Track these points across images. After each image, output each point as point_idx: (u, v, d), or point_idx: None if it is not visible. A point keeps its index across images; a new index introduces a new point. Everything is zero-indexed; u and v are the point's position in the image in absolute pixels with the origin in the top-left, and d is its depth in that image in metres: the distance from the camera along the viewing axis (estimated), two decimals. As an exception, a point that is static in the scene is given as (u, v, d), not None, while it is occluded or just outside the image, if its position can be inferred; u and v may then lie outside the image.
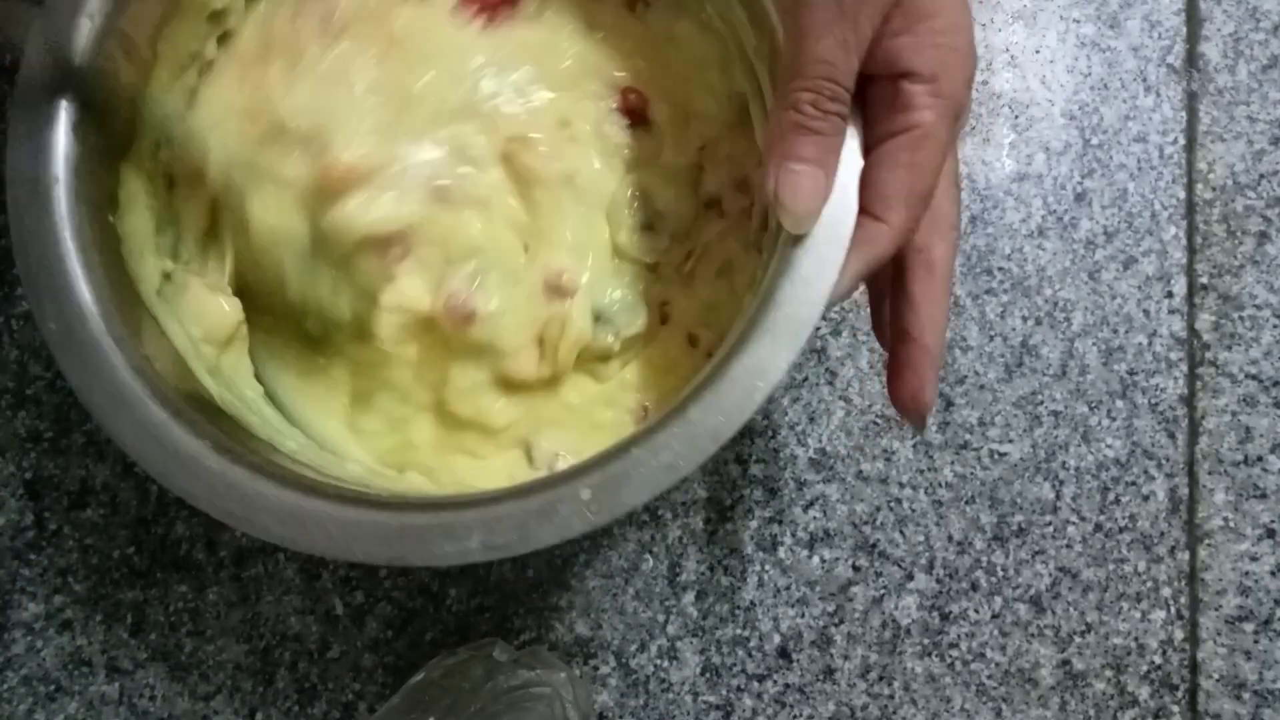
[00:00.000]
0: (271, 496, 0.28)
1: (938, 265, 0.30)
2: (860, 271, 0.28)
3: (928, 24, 0.28)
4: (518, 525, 0.27)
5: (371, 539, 0.28)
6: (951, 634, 0.41)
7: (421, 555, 0.28)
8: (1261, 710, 0.41)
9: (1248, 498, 0.42)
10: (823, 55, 0.27)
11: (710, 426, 0.27)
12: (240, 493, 0.28)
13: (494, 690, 0.34)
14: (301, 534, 0.28)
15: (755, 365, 0.28)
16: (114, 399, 0.29)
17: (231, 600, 0.41)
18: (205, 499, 0.29)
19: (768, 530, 0.41)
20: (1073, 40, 0.44)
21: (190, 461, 0.29)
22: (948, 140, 0.28)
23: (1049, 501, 0.42)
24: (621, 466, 0.27)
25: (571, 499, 0.27)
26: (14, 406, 0.41)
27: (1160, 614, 0.41)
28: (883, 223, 0.28)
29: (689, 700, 0.41)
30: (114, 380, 0.29)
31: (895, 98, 0.28)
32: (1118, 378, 0.42)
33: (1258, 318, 0.43)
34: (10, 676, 0.40)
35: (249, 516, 0.28)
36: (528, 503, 0.28)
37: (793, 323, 0.28)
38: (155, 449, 0.29)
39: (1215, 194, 0.44)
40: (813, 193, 0.28)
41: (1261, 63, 0.44)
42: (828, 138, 0.28)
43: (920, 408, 0.30)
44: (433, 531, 0.28)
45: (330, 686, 0.40)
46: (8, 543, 0.41)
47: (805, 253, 0.28)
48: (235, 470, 0.29)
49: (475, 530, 0.27)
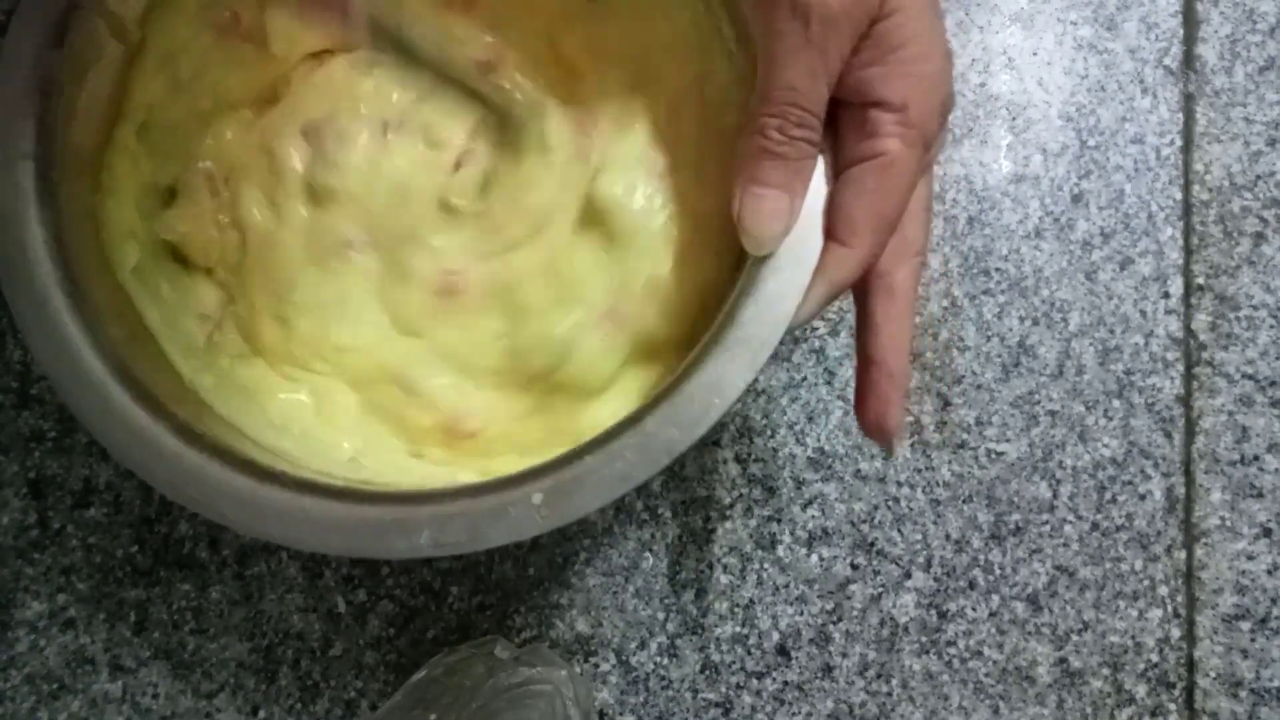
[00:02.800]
0: (227, 481, 0.29)
1: (898, 290, 0.30)
2: (824, 294, 0.29)
3: (897, 54, 0.28)
4: (469, 524, 0.28)
5: (326, 529, 0.28)
6: (949, 632, 0.41)
7: (374, 548, 0.28)
8: (1258, 708, 0.41)
9: (1244, 497, 0.42)
10: (788, 82, 0.27)
11: (665, 440, 0.28)
12: (198, 477, 0.29)
13: (495, 687, 0.35)
14: (257, 520, 0.29)
15: (713, 382, 0.28)
16: (78, 380, 0.30)
17: (234, 598, 0.41)
18: (165, 481, 0.29)
19: (767, 529, 0.42)
20: (1070, 42, 0.45)
21: (150, 444, 0.29)
22: (915, 168, 0.28)
23: (1046, 500, 0.42)
24: (574, 473, 0.28)
25: (523, 502, 0.28)
26: (17, 406, 0.42)
27: (1157, 612, 0.41)
28: (847, 247, 0.28)
29: (689, 698, 0.41)
30: (78, 360, 0.30)
31: (864, 125, 0.28)
32: (1114, 378, 0.43)
33: (1254, 318, 0.43)
34: (13, 675, 0.41)
35: (206, 501, 0.29)
36: (480, 502, 0.28)
37: (753, 342, 0.28)
38: (118, 430, 0.30)
39: (1212, 195, 0.44)
40: (774, 216, 0.28)
41: (1258, 64, 0.44)
42: (792, 162, 0.28)
43: (885, 432, 0.30)
44: (386, 526, 0.28)
45: (332, 684, 0.41)
46: (11, 541, 0.41)
47: (770, 274, 0.29)
48: (192, 454, 0.29)
49: (426, 527, 0.28)
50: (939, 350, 0.43)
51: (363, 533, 0.28)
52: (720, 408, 0.28)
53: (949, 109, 0.29)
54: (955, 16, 0.45)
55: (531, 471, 0.28)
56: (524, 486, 0.28)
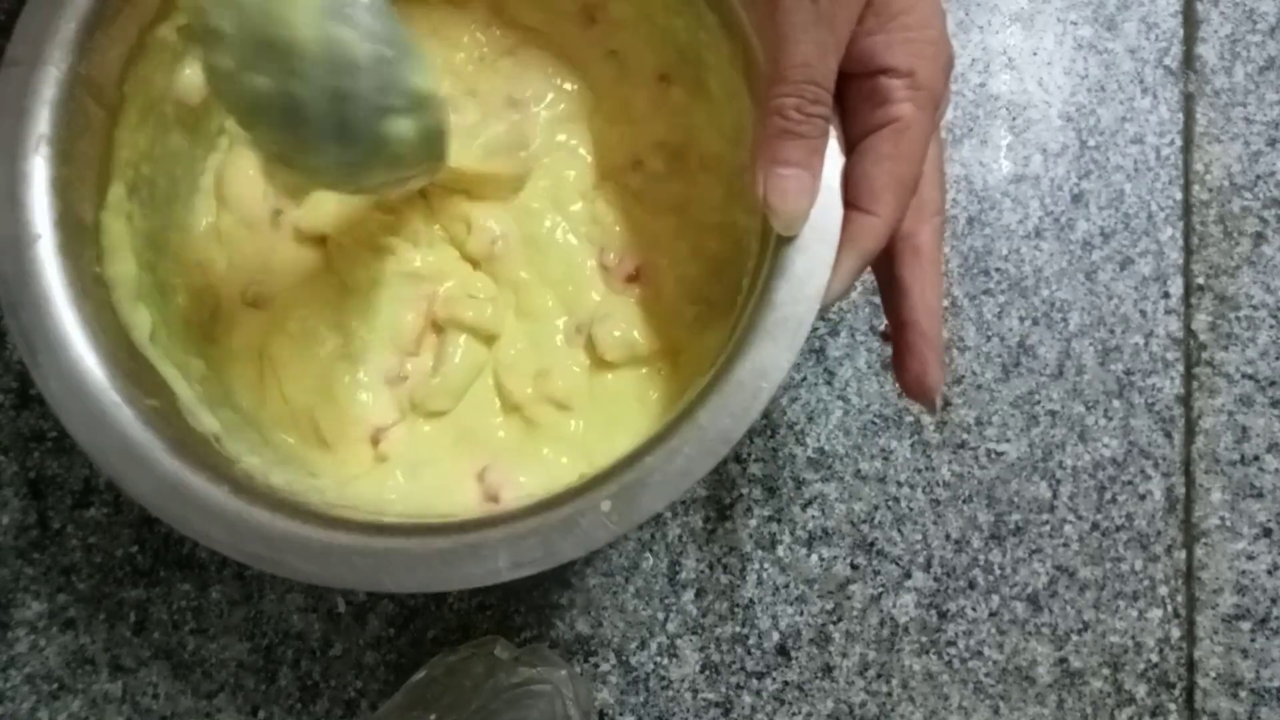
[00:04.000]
0: (294, 533, 0.29)
1: (924, 249, 0.30)
2: (855, 266, 0.29)
3: (900, 20, 0.28)
4: (542, 541, 0.28)
5: (398, 568, 0.28)
6: (949, 632, 0.41)
7: (449, 580, 0.28)
8: (1258, 708, 0.41)
9: (1244, 497, 0.42)
10: (802, 59, 0.28)
11: (720, 429, 0.28)
12: (263, 534, 0.29)
13: (495, 688, 0.35)
14: (326, 568, 0.28)
15: (758, 366, 0.28)
16: (126, 455, 0.29)
17: (234, 598, 0.41)
18: (229, 543, 0.29)
19: (767, 529, 0.42)
20: (1070, 42, 0.45)
21: (211, 508, 0.29)
22: (929, 130, 0.29)
23: (1046, 500, 0.42)
24: (637, 475, 0.28)
25: (592, 511, 0.28)
26: (17, 406, 0.42)
27: (1157, 612, 0.41)
28: (872, 215, 0.29)
29: (689, 698, 0.41)
30: (124, 436, 0.29)
31: (874, 94, 0.29)
32: (1114, 378, 0.43)
33: (1254, 318, 0.43)
34: (14, 675, 0.41)
35: (274, 556, 0.28)
36: (549, 517, 0.28)
37: (790, 322, 0.28)
38: (174, 500, 0.29)
39: (1212, 195, 0.44)
40: (800, 194, 0.28)
41: (1258, 64, 0.45)
42: (812, 140, 0.28)
43: (927, 390, 0.31)
44: (459, 555, 0.28)
45: (332, 684, 0.41)
46: (11, 542, 0.41)
47: (797, 252, 0.29)
48: (256, 512, 0.29)
49: (501, 549, 0.28)
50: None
51: (437, 564, 0.28)
52: (769, 390, 0.28)
53: (951, 69, 0.30)
54: (955, 16, 0.45)
55: (596, 479, 0.29)
56: (590, 495, 0.28)
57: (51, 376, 0.29)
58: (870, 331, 0.43)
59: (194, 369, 0.34)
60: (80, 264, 0.31)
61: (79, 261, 0.31)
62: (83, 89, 0.31)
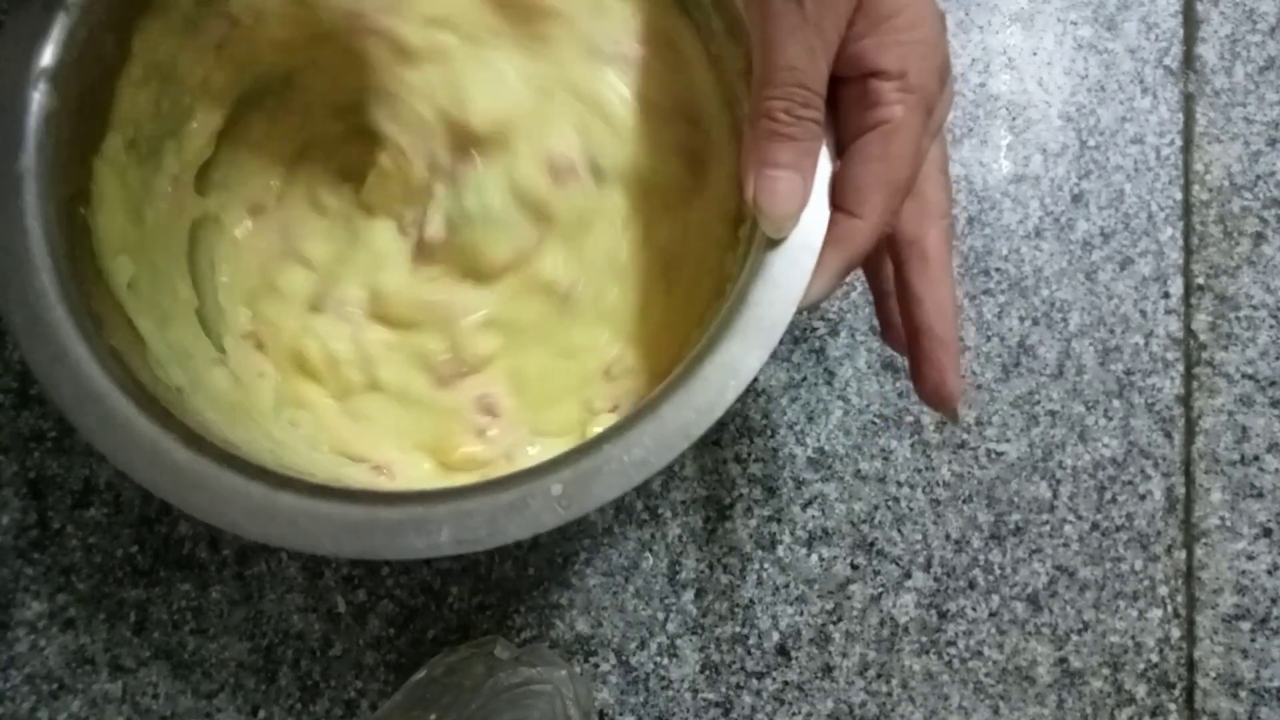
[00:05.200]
0: (240, 489, 0.28)
1: (932, 253, 0.30)
2: (838, 268, 0.29)
3: (890, 23, 0.28)
4: (488, 519, 0.27)
5: (341, 531, 0.28)
6: (949, 632, 0.41)
7: (391, 549, 0.28)
8: (1258, 708, 0.41)
9: (1244, 497, 0.42)
10: (790, 62, 0.28)
11: (682, 423, 0.28)
12: (209, 486, 0.28)
13: (495, 687, 0.35)
14: (270, 526, 0.28)
15: (727, 364, 0.28)
16: (81, 390, 0.29)
17: (234, 598, 0.41)
18: (173, 492, 0.28)
19: (767, 529, 0.42)
20: (1070, 42, 0.45)
21: (158, 455, 0.29)
22: (920, 132, 0.29)
23: (1046, 500, 0.42)
24: (593, 462, 0.28)
25: (542, 494, 0.27)
26: (17, 406, 0.42)
27: (1157, 612, 0.41)
28: (857, 217, 0.28)
29: (689, 698, 0.41)
30: (80, 371, 0.29)
31: (864, 96, 0.28)
32: (1114, 378, 0.43)
33: (1254, 318, 0.43)
34: (14, 675, 0.41)
35: (217, 509, 0.28)
36: (498, 497, 0.28)
37: (765, 322, 0.28)
38: (123, 442, 0.29)
39: (1212, 195, 0.44)
40: (790, 196, 0.28)
41: (1258, 64, 0.45)
42: (802, 142, 0.28)
43: (947, 398, 0.30)
44: (403, 525, 0.28)
45: (332, 684, 0.41)
46: (11, 542, 0.41)
47: (777, 255, 0.29)
48: (203, 463, 0.28)
49: (445, 524, 0.27)
50: (939, 350, 0.43)
51: (379, 533, 0.28)
52: (736, 389, 0.28)
53: (947, 72, 0.29)
54: (955, 16, 0.45)
55: (549, 463, 0.28)
56: (542, 478, 0.28)
57: (17, 310, 0.29)
58: (870, 331, 0.43)
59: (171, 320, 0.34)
60: (64, 204, 0.31)
61: (63, 201, 0.31)
62: (91, 31, 0.31)
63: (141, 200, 0.34)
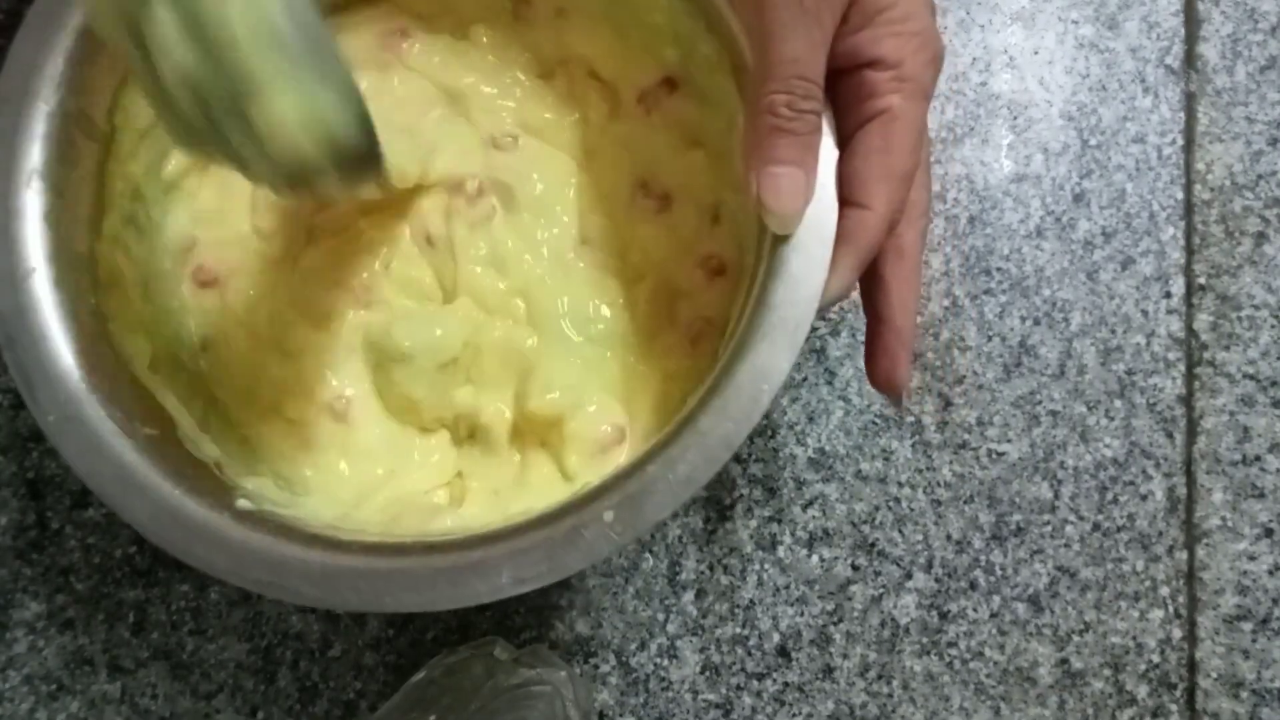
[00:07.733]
0: (296, 559, 0.28)
1: (908, 250, 0.30)
2: (853, 262, 0.29)
3: (884, 15, 0.28)
4: (546, 555, 0.27)
5: (401, 588, 0.28)
6: (950, 633, 0.41)
7: (453, 597, 0.28)
8: (1259, 709, 0.41)
9: (1245, 497, 0.42)
10: (791, 55, 0.28)
11: (722, 434, 0.28)
12: (266, 559, 0.28)
13: (494, 688, 0.34)
14: (332, 592, 0.28)
15: (758, 369, 0.28)
16: (124, 483, 0.29)
17: (233, 599, 0.41)
18: (231, 570, 0.28)
19: (767, 529, 0.42)
20: (1071, 41, 0.45)
21: (212, 535, 0.29)
22: (919, 121, 0.29)
23: (1047, 501, 0.42)
24: (640, 484, 0.28)
25: (595, 522, 0.27)
26: (16, 406, 0.42)
27: (1158, 613, 0.41)
28: (867, 209, 0.28)
29: (689, 699, 0.41)
30: (121, 464, 0.29)
31: (861, 88, 0.29)
32: (1116, 378, 0.43)
33: (1255, 318, 0.43)
34: (12, 675, 0.41)
35: (277, 581, 0.28)
36: (552, 530, 0.28)
37: (788, 323, 0.28)
38: (173, 527, 0.29)
39: (1213, 194, 0.44)
40: (794, 192, 0.28)
41: (1260, 64, 0.44)
42: (804, 136, 0.28)
43: (894, 386, 0.31)
44: (462, 572, 0.28)
45: (332, 685, 0.41)
46: (10, 542, 0.41)
47: (793, 252, 0.29)
48: (258, 537, 0.29)
49: (505, 565, 0.27)
50: (940, 350, 0.43)
51: (441, 583, 0.28)
52: (770, 393, 0.28)
53: (940, 63, 0.30)
54: (956, 15, 0.45)
55: (597, 489, 0.28)
56: (593, 506, 0.28)
57: (49, 410, 0.29)
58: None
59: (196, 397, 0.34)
60: (76, 296, 0.31)
61: (75, 294, 0.31)
62: (73, 123, 0.32)
63: (148, 275, 0.34)
